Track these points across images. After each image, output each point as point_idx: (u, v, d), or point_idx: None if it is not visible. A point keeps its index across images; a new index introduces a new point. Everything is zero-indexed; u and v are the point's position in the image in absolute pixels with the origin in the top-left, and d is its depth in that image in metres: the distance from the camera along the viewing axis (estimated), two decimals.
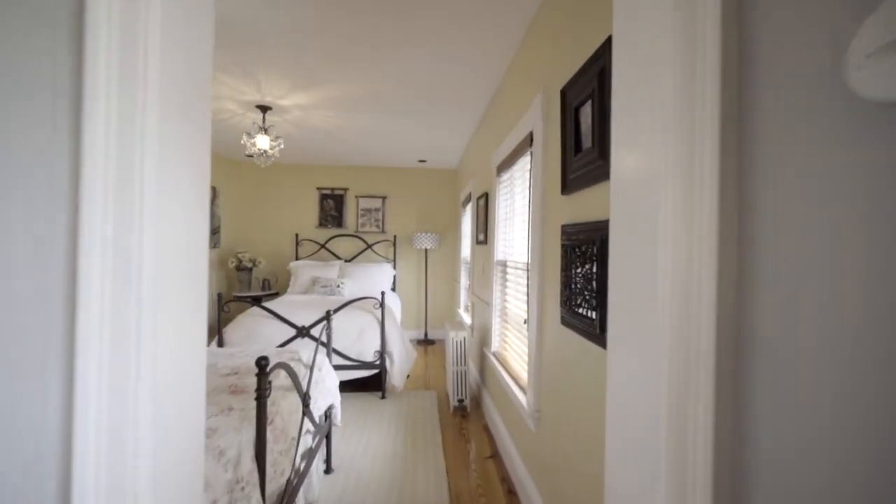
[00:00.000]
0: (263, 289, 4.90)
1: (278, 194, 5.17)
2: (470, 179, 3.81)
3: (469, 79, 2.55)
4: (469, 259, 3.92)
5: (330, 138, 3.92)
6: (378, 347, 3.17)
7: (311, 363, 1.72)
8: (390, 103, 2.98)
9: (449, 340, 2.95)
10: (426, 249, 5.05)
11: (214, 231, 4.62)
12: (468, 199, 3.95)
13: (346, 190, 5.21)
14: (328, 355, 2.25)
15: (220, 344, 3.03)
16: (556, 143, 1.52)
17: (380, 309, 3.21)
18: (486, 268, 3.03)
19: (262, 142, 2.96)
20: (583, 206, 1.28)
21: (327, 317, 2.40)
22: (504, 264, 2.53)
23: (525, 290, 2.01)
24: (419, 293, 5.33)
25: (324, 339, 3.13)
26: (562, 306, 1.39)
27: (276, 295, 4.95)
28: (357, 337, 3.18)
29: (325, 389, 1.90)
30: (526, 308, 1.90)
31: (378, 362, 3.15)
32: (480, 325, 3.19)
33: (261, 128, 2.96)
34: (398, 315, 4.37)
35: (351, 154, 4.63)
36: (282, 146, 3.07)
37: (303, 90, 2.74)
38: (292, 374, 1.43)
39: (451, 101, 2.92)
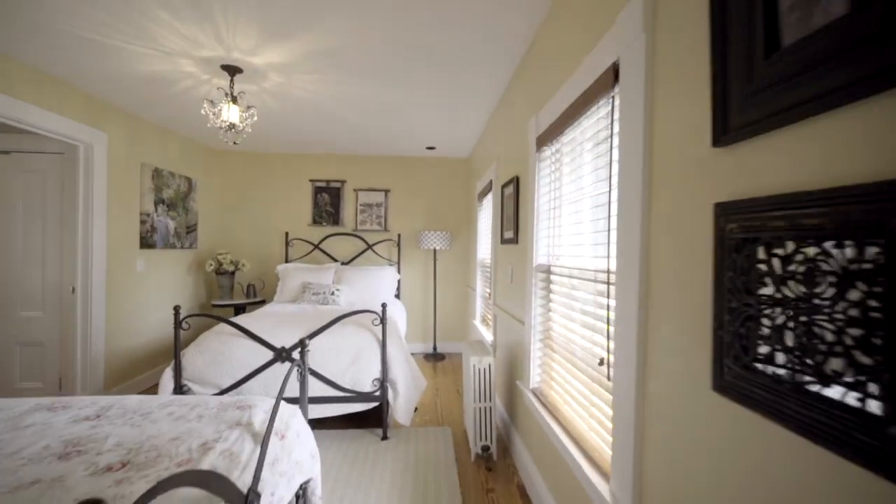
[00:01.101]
0: (248, 296, 4.25)
1: (266, 187, 4.53)
2: (490, 164, 3.14)
3: (495, 21, 1.88)
4: (489, 262, 3.25)
5: (321, 116, 3.26)
6: (378, 375, 2.50)
7: (264, 433, 1.05)
8: (388, 63, 2.31)
9: (469, 368, 2.28)
10: (435, 250, 4.39)
11: (190, 229, 3.98)
12: (487, 190, 3.28)
13: (343, 182, 4.56)
14: (302, 403, 1.57)
15: (179, 375, 2.38)
16: (692, 60, 0.84)
17: (380, 325, 2.54)
18: (515, 274, 2.36)
19: (230, 112, 2.30)
20: (805, 157, 0.60)
21: (301, 346, 1.72)
22: (547, 270, 1.86)
23: (599, 311, 1.34)
24: (426, 301, 4.66)
25: (309, 362, 2.47)
26: (726, 360, 0.71)
27: (263, 303, 4.30)
28: (352, 361, 2.51)
29: (294, 465, 1.24)
30: (606, 344, 1.22)
31: (378, 393, 2.48)
32: (508, 346, 2.52)
33: (227, 94, 2.30)
34: (403, 328, 3.71)
35: (348, 140, 3.97)
36: (254, 118, 2.41)
37: (277, 42, 2.08)
38: (214, 485, 0.77)
39: (467, 56, 2.25)
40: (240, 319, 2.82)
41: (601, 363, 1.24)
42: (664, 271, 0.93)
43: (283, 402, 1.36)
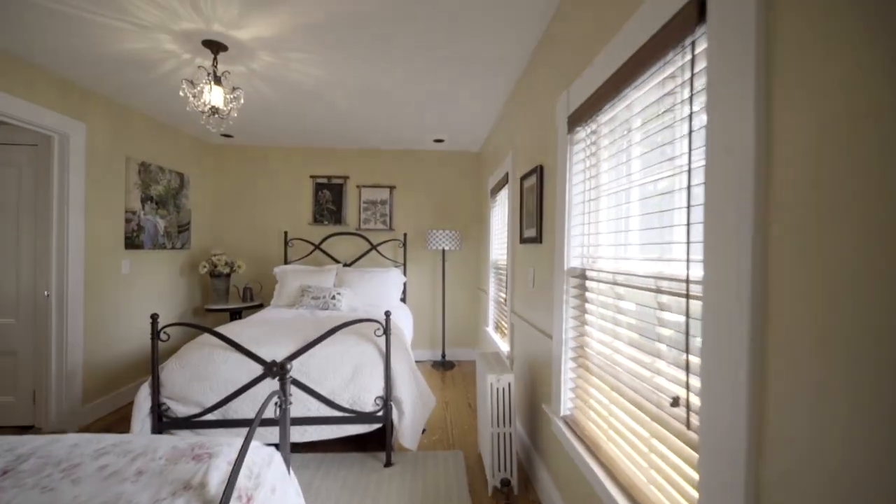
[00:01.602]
0: (244, 299, 3.99)
1: (264, 184, 4.26)
2: (506, 155, 2.83)
3: None
4: (505, 264, 2.94)
5: (319, 104, 2.97)
6: (381, 392, 2.20)
7: (220, 499, 0.76)
8: (391, 40, 2.02)
9: (486, 387, 1.97)
10: (443, 251, 4.09)
11: (182, 228, 3.72)
12: (502, 184, 2.97)
13: (345, 178, 4.28)
14: (283, 445, 1.27)
15: (156, 392, 2.11)
16: None
17: (383, 336, 2.24)
18: (538, 278, 2.05)
19: (212, 94, 2.02)
20: None
21: (282, 371, 1.41)
22: (582, 275, 1.55)
23: (663, 331, 1.02)
24: (434, 305, 4.36)
25: (303, 378, 2.19)
26: None
27: (261, 307, 4.03)
28: (351, 377, 2.22)
29: None
30: (684, 379, 0.90)
31: (381, 413, 2.19)
32: (528, 361, 2.21)
33: (209, 73, 2.02)
34: (409, 335, 3.41)
35: (350, 132, 3.69)
36: (241, 101, 2.13)
37: (263, 11, 1.80)
38: None
39: (480, 27, 1.95)
40: (228, 328, 2.55)
41: (674, 403, 0.92)
42: (799, 283, 0.62)
43: (256, 446, 1.07)
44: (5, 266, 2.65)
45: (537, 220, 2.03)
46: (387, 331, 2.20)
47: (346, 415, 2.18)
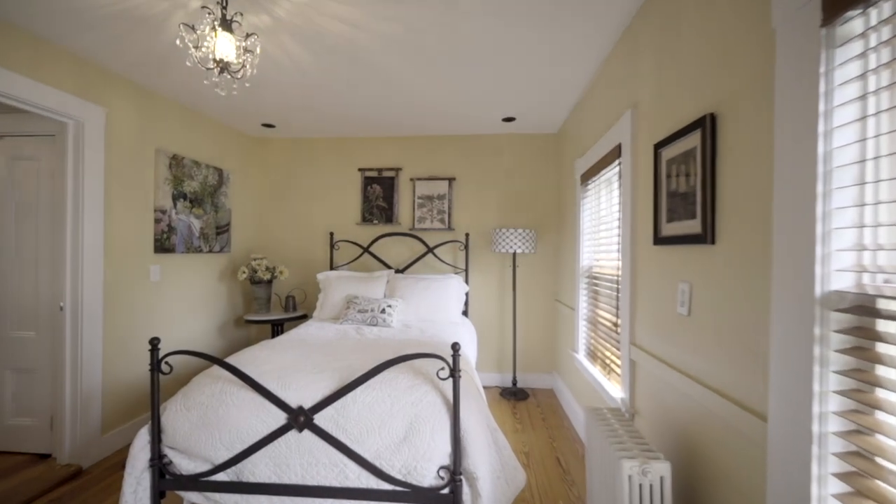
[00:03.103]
0: (286, 309, 3.54)
1: (309, 180, 3.81)
2: (615, 120, 2.02)
3: None
4: (616, 273, 2.13)
5: (364, 70, 2.38)
6: (447, 461, 1.52)
7: None
8: None
9: (622, 479, 1.21)
10: (514, 254, 3.35)
11: (221, 230, 3.35)
12: (606, 163, 2.17)
13: (398, 170, 3.69)
14: None
15: (156, 441, 1.60)
16: None
17: (448, 379, 1.56)
18: (702, 300, 1.24)
19: (219, 42, 1.47)
20: None
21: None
22: (868, 309, 0.74)
23: None
24: (503, 319, 3.62)
25: (340, 433, 1.57)
26: None
27: (304, 318, 3.57)
28: (404, 436, 1.55)
29: None
30: None
31: (448, 491, 1.50)
32: (677, 428, 1.40)
33: (211, 13, 1.48)
34: (473, 356, 2.71)
35: (403, 112, 3.08)
36: (257, 52, 1.57)
37: None
38: None
39: None
40: (250, 354, 2.01)
41: None
42: None
43: None
44: (25, 272, 2.36)
45: (705, 205, 1.23)
46: (454, 373, 1.51)
47: (398, 489, 1.52)
